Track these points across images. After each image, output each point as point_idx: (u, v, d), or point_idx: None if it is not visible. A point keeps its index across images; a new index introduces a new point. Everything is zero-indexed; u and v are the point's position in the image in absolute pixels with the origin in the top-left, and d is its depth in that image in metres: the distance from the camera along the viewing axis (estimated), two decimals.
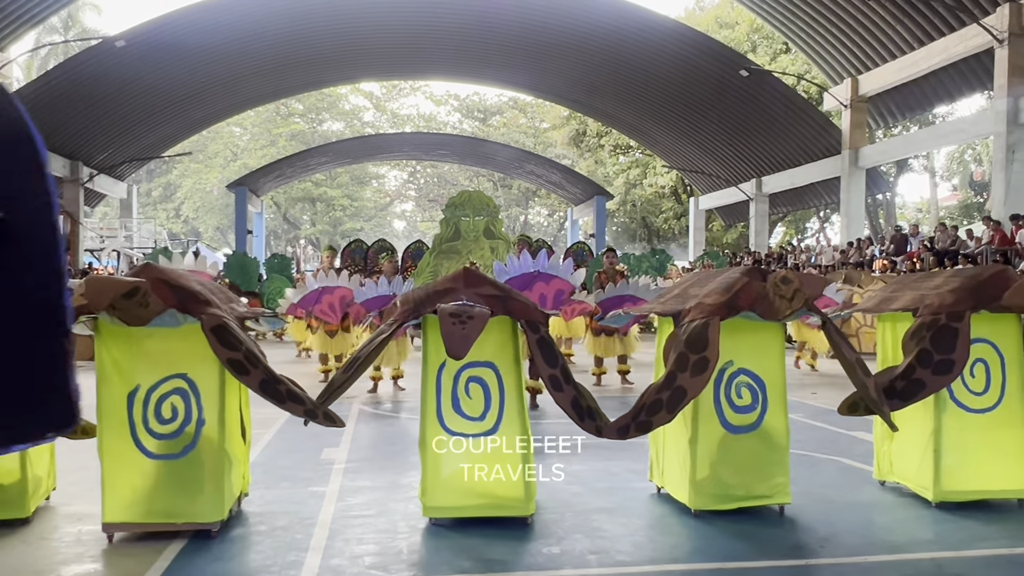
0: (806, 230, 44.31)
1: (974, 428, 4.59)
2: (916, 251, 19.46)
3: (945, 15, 20.57)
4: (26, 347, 2.24)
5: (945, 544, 4.03)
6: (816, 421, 7.55)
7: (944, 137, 24.92)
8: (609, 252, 11.01)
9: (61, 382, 2.29)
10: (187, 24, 24.51)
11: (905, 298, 4.69)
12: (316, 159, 39.55)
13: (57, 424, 2.34)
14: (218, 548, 3.97)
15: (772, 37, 34.39)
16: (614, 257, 10.75)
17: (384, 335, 4.13)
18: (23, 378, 2.24)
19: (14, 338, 2.23)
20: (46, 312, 2.25)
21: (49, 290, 2.27)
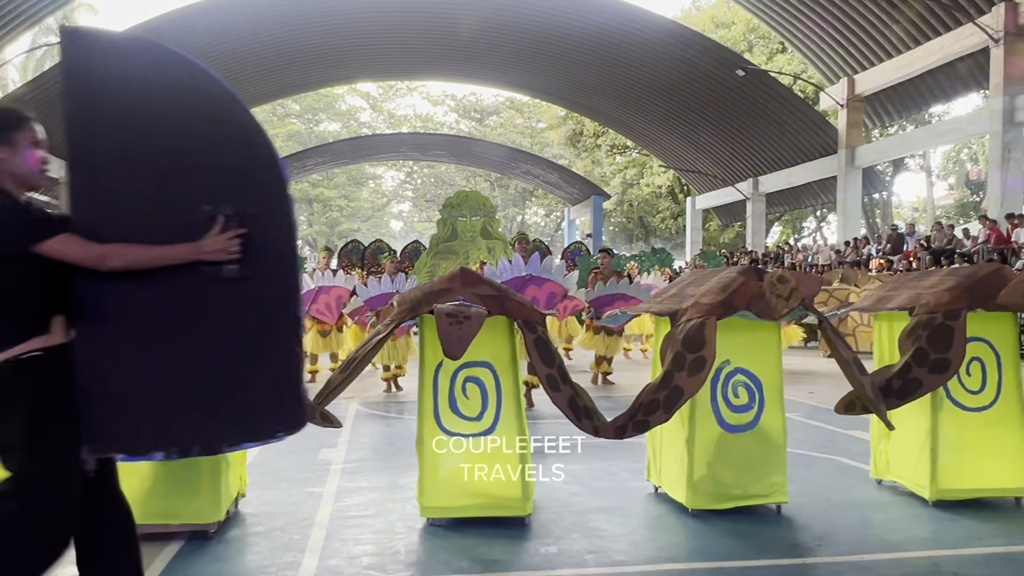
0: (803, 230, 44.37)
1: (970, 427, 4.59)
2: (912, 250, 19.50)
3: (941, 14, 20.61)
4: (265, 353, 2.49)
5: (942, 542, 4.03)
6: (813, 420, 7.56)
7: (940, 136, 24.97)
8: (605, 253, 11.12)
9: (294, 387, 2.50)
10: (183, 25, 24.49)
11: (901, 297, 4.69)
12: (313, 159, 39.59)
13: (288, 425, 2.54)
14: (215, 549, 3.96)
15: (768, 37, 34.44)
16: (609, 258, 10.83)
17: (381, 335, 4.13)
18: (261, 381, 2.49)
19: (255, 344, 2.48)
20: (283, 322, 2.50)
21: (287, 302, 2.52)
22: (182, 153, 2.48)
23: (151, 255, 2.37)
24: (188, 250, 2.40)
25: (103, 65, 2.46)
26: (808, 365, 13.45)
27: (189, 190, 2.47)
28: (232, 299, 2.46)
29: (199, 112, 2.50)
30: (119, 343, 2.44)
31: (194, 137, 2.49)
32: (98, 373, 2.42)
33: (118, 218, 2.43)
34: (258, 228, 2.46)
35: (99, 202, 2.45)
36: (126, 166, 2.46)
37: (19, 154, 2.42)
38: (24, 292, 2.35)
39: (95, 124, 2.46)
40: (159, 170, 2.47)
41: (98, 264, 2.34)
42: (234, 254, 2.42)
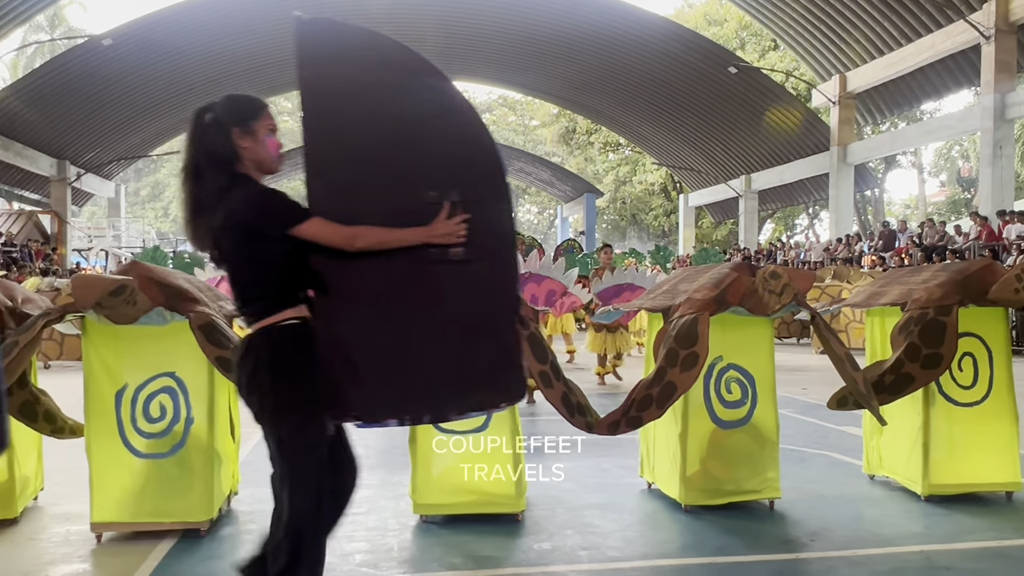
0: (795, 227, 44.49)
1: (962, 422, 4.60)
2: (904, 247, 19.56)
3: (932, 11, 20.67)
4: (489, 328, 2.66)
5: (934, 537, 4.04)
6: (806, 416, 7.58)
7: (931, 133, 25.08)
8: (606, 248, 11.17)
9: (516, 360, 2.68)
10: (175, 22, 24.41)
11: (893, 293, 4.71)
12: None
13: (512, 396, 2.75)
14: (207, 547, 3.95)
15: (760, 34, 34.49)
16: (611, 253, 10.89)
17: None
18: (485, 355, 2.66)
19: (479, 320, 2.68)
20: (507, 300, 2.69)
21: (510, 281, 2.70)
22: (410, 143, 2.63)
23: (391, 237, 2.53)
24: (421, 233, 2.55)
25: (335, 55, 2.63)
26: (801, 361, 13.49)
27: (417, 178, 2.62)
28: (457, 279, 2.62)
29: (425, 103, 2.65)
30: (355, 319, 2.61)
31: (421, 128, 2.64)
32: (337, 346, 2.59)
33: (353, 204, 2.58)
34: (481, 213, 2.62)
35: (335, 189, 2.60)
36: (359, 155, 2.62)
37: (260, 142, 2.59)
38: (281, 268, 2.54)
39: (330, 115, 2.62)
40: (389, 159, 2.63)
41: (347, 245, 2.50)
42: (461, 238, 2.57)
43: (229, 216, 2.49)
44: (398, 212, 2.57)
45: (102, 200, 36.82)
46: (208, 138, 2.57)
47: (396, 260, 2.57)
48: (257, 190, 2.56)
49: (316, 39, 2.64)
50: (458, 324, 2.63)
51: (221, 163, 2.55)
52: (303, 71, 2.61)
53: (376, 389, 2.61)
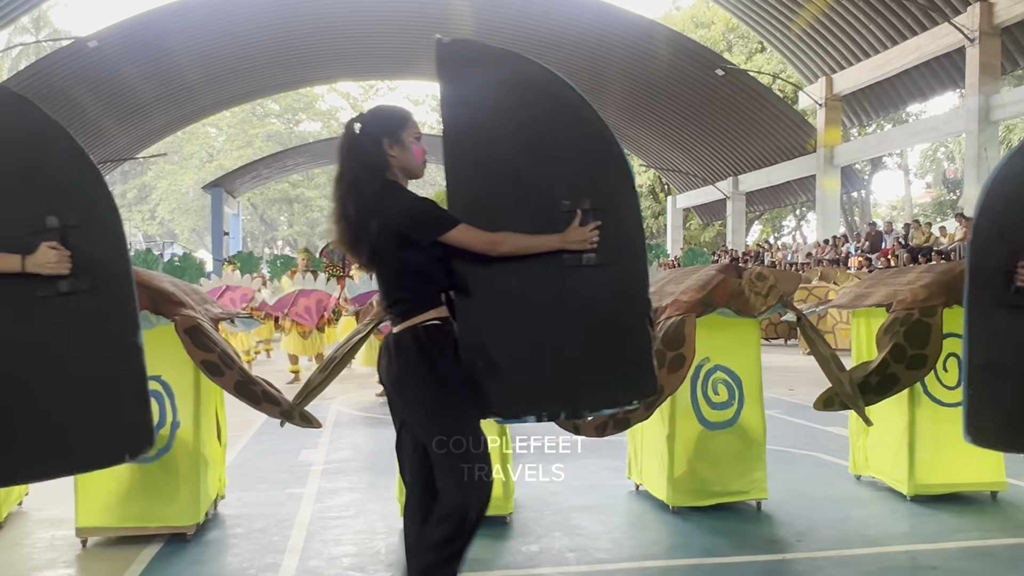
0: (783, 228, 44.65)
1: (948, 422, 4.62)
2: (891, 248, 19.66)
3: (917, 14, 20.80)
4: (621, 330, 2.80)
5: (919, 537, 4.07)
6: (793, 417, 7.61)
7: (917, 135, 25.22)
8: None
9: (647, 360, 2.82)
10: (161, 24, 24.31)
11: (879, 294, 4.73)
12: (293, 160, 39.38)
13: (643, 394, 2.88)
14: (194, 551, 3.93)
15: (747, 36, 34.61)
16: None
17: (360, 335, 4.11)
18: (618, 355, 2.81)
19: (612, 322, 2.79)
20: (638, 302, 2.81)
21: (640, 284, 2.80)
22: (544, 153, 2.78)
23: (529, 243, 2.70)
24: (557, 240, 2.71)
25: (474, 73, 2.82)
26: (788, 362, 13.54)
27: (551, 186, 2.77)
28: (591, 283, 2.76)
29: (557, 115, 2.80)
30: (496, 321, 2.76)
31: (554, 140, 2.79)
32: (479, 346, 2.74)
33: (491, 212, 2.74)
34: (611, 220, 2.75)
35: (476, 200, 2.77)
36: (497, 169, 2.79)
37: (407, 149, 2.73)
38: (428, 272, 2.69)
39: (469, 131, 2.81)
40: (525, 169, 2.78)
41: (489, 249, 2.66)
42: (593, 244, 2.71)
43: (385, 223, 2.63)
44: (534, 221, 2.74)
45: None
46: (361, 149, 2.71)
47: (534, 265, 2.72)
48: (410, 198, 2.70)
49: (455, 60, 2.82)
50: (592, 325, 2.77)
51: (375, 172, 2.70)
52: (445, 90, 2.81)
53: (515, 387, 2.78)
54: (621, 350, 2.79)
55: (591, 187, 2.76)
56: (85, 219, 2.66)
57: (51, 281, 2.60)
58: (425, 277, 2.70)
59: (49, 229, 2.62)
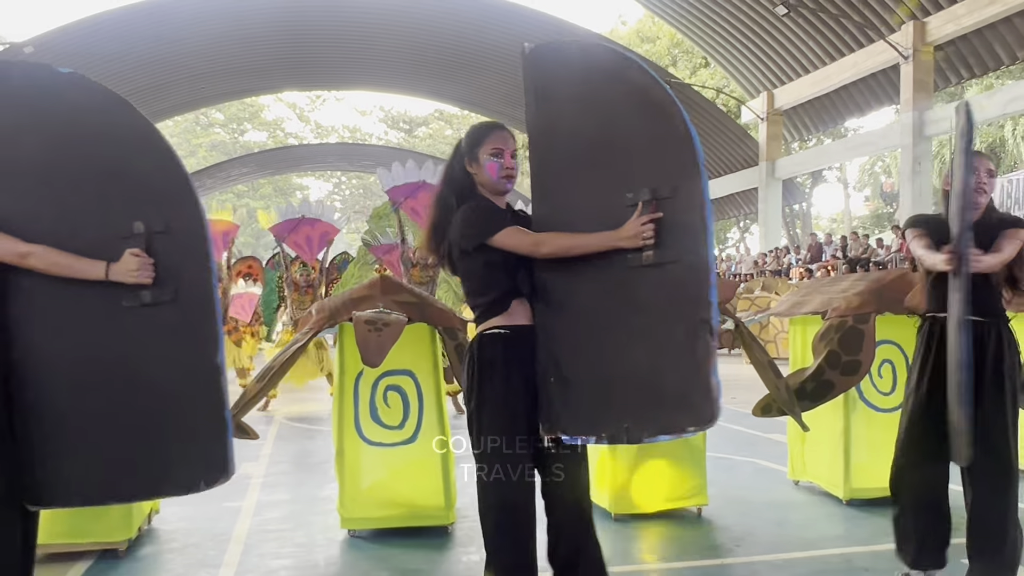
0: (727, 240, 45.37)
1: (882, 427, 4.72)
2: (830, 260, 20.10)
3: (854, 31, 21.36)
4: (683, 341, 2.40)
5: (854, 539, 4.14)
6: (734, 424, 7.70)
7: (855, 149, 25.85)
8: None
9: (707, 378, 2.36)
10: (100, 30, 23.78)
11: (814, 302, 4.82)
12: (238, 170, 38.84)
13: (702, 420, 2.43)
14: (126, 567, 3.83)
15: (692, 52, 35.17)
16: None
17: (299, 344, 4.05)
18: (677, 372, 2.42)
19: (675, 331, 2.40)
20: (698, 307, 2.38)
21: (702, 285, 2.40)
22: (613, 143, 2.57)
23: (575, 242, 2.55)
24: (608, 237, 2.50)
25: (556, 74, 2.69)
26: (731, 371, 13.72)
27: (617, 179, 2.56)
28: (650, 286, 2.48)
29: (625, 101, 2.54)
30: (565, 330, 2.61)
31: (623, 128, 2.55)
32: (551, 358, 2.62)
33: (567, 212, 2.63)
34: (673, 210, 2.44)
35: (553, 197, 2.68)
36: (572, 163, 2.65)
37: (482, 166, 2.73)
38: (484, 279, 2.67)
39: (546, 126, 2.71)
40: (598, 164, 2.60)
41: (533, 252, 2.61)
42: (648, 239, 2.43)
43: (450, 235, 2.72)
44: (603, 219, 2.53)
45: None
46: (450, 168, 2.82)
47: (602, 269, 2.53)
48: (464, 208, 2.70)
49: (536, 65, 2.74)
50: (651, 337, 2.48)
51: (455, 189, 2.77)
52: (527, 96, 2.75)
53: (579, 404, 2.60)
54: (678, 366, 2.43)
55: (651, 174, 2.48)
56: (170, 225, 2.46)
57: (135, 291, 2.43)
58: (484, 283, 2.68)
59: (135, 235, 2.44)
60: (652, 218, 2.42)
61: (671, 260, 2.42)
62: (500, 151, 2.74)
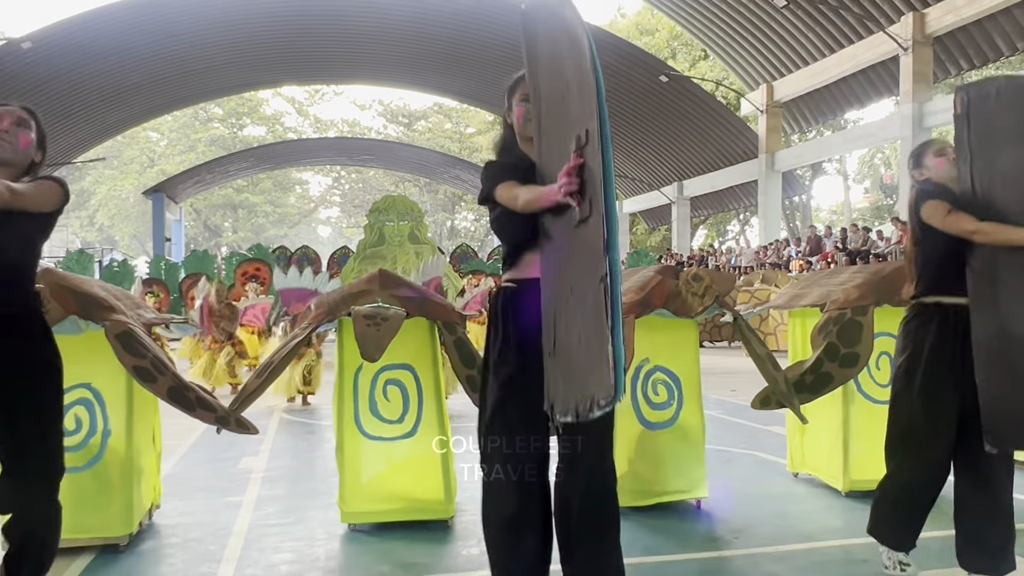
0: (727, 232, 45.36)
1: (881, 419, 4.67)
2: (830, 252, 20.10)
3: (853, 23, 21.34)
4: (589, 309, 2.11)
5: (853, 531, 4.14)
6: (734, 417, 7.72)
7: (855, 141, 25.84)
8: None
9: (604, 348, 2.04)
10: (98, 25, 23.75)
11: (813, 294, 4.82)
12: (237, 164, 38.83)
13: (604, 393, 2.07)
14: (126, 563, 3.83)
15: (691, 44, 35.12)
16: None
17: (298, 339, 4.06)
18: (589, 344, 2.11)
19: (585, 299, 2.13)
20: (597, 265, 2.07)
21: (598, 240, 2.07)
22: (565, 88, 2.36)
23: (531, 196, 2.38)
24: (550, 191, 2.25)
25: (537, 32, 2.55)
26: (731, 364, 13.75)
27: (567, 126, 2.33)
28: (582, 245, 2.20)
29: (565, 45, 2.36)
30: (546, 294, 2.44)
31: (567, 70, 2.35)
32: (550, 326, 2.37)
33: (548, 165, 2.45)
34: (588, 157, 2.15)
35: (541, 151, 2.53)
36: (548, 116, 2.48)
37: (513, 114, 2.70)
38: (500, 231, 2.64)
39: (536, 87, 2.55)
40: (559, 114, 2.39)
41: (513, 206, 2.46)
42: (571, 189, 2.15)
43: None
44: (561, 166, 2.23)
45: None
46: (502, 125, 2.82)
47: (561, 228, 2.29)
48: (484, 165, 2.69)
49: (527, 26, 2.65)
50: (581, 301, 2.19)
51: (498, 143, 2.78)
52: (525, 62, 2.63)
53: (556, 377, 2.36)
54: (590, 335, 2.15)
55: (580, 118, 2.22)
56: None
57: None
58: (501, 237, 2.66)
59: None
60: (573, 165, 2.13)
61: (587, 215, 2.14)
62: (527, 97, 2.66)
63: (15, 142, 2.45)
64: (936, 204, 3.06)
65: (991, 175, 2.93)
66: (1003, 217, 2.89)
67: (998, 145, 2.91)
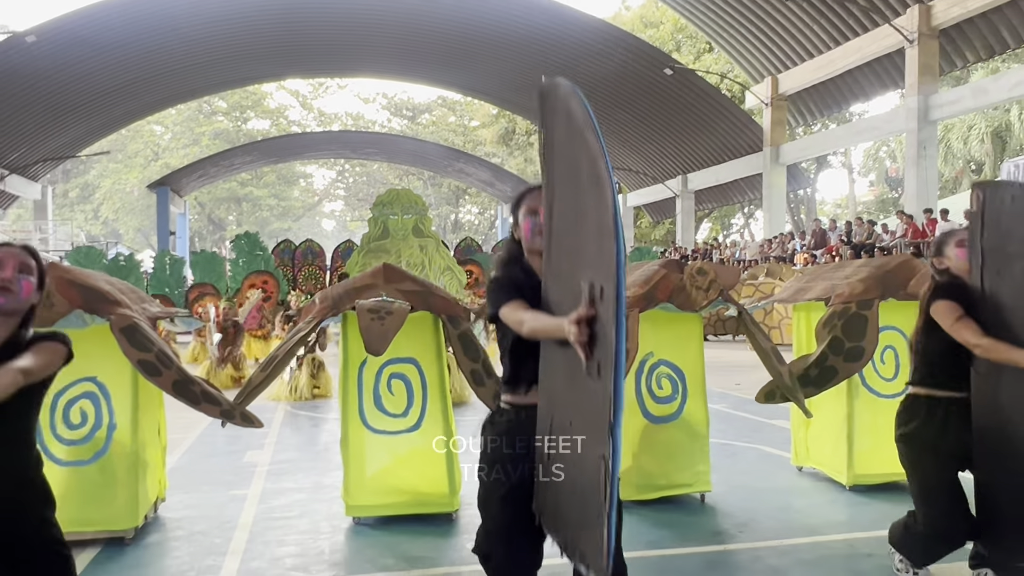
0: (731, 226, 45.27)
1: (885, 413, 4.71)
2: (835, 245, 20.05)
3: (859, 15, 21.23)
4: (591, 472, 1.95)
5: (857, 525, 4.15)
6: (738, 411, 7.71)
7: (860, 134, 25.74)
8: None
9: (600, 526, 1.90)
10: (102, 18, 23.73)
11: (818, 288, 4.82)
12: (241, 158, 38.82)
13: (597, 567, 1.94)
14: (132, 555, 3.85)
15: (696, 37, 35.00)
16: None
17: (302, 333, 4.06)
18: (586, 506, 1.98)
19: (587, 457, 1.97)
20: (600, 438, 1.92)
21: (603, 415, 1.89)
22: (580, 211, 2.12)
23: (538, 325, 2.28)
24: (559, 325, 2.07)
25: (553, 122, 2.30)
26: (736, 358, 13.73)
27: (577, 257, 2.14)
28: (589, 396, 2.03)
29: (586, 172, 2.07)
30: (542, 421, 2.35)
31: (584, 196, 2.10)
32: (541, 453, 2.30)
33: (554, 285, 2.31)
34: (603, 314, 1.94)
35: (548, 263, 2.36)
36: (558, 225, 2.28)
37: (519, 227, 2.60)
38: (505, 352, 2.54)
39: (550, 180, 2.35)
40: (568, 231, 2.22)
41: (518, 330, 2.35)
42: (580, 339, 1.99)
43: None
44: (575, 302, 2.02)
45: (28, 202, 35.60)
46: (508, 235, 2.71)
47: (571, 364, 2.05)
48: (489, 279, 2.61)
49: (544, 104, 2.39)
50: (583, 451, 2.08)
51: (503, 256, 2.66)
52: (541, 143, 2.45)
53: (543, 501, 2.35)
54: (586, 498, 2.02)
55: (594, 263, 1.98)
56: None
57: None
58: (504, 359, 2.55)
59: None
60: (585, 315, 1.93)
61: (594, 374, 1.95)
62: (536, 210, 2.54)
63: (18, 291, 2.35)
64: (948, 307, 3.06)
65: (1000, 282, 2.92)
66: (1008, 327, 2.86)
67: (1009, 254, 2.88)
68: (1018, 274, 2.84)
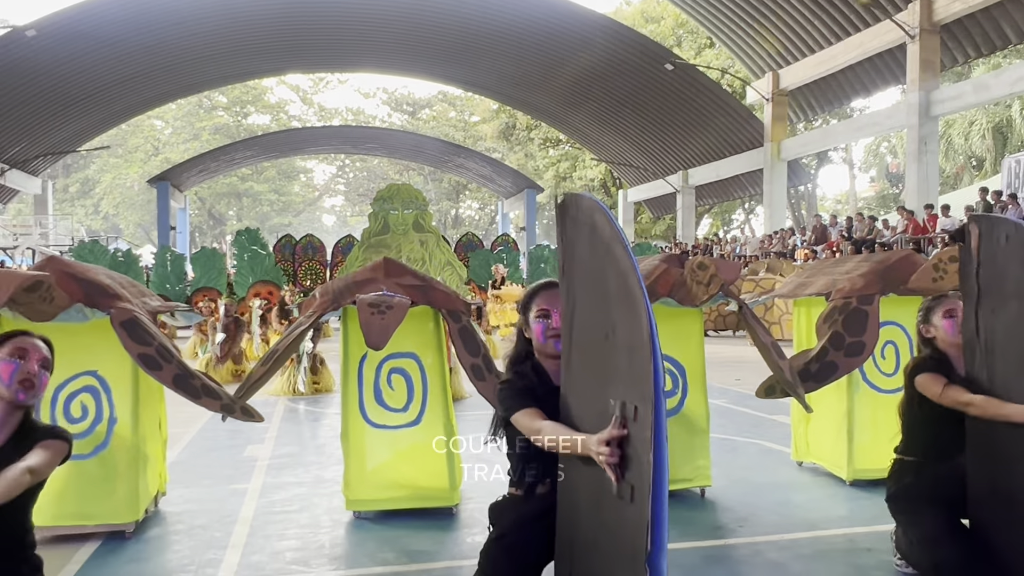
0: (732, 221, 45.26)
1: (885, 408, 4.71)
2: (836, 240, 20.04)
3: (860, 11, 21.19)
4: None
5: (857, 520, 4.15)
6: (738, 406, 7.71)
7: (861, 130, 25.72)
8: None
9: None
10: (102, 13, 23.70)
11: (818, 283, 4.81)
12: (241, 153, 38.76)
13: None
14: (133, 549, 3.85)
15: (697, 32, 34.94)
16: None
17: (302, 327, 4.06)
18: None
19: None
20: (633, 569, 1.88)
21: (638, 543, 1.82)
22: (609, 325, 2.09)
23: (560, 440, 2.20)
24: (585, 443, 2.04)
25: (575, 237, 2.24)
26: (736, 353, 13.73)
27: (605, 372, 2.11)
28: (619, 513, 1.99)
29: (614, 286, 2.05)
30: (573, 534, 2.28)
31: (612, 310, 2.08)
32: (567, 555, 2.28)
33: (575, 396, 2.25)
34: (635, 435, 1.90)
35: (568, 371, 2.31)
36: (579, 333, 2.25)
37: (530, 329, 2.54)
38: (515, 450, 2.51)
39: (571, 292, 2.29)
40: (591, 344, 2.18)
41: (535, 440, 2.30)
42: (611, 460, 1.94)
43: None
44: (601, 418, 2.00)
45: (28, 197, 35.57)
46: (518, 333, 2.64)
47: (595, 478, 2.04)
48: (501, 382, 2.57)
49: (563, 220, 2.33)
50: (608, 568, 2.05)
51: (513, 356, 2.62)
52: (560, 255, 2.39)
53: None
54: None
55: (624, 383, 1.95)
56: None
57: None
58: (514, 460, 2.54)
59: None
60: (616, 436, 1.89)
61: (627, 498, 1.89)
62: (547, 311, 2.48)
63: (39, 385, 2.51)
64: (932, 378, 3.12)
65: (995, 323, 2.91)
66: (1001, 371, 2.86)
67: (1004, 293, 2.87)
68: (1012, 314, 2.84)
